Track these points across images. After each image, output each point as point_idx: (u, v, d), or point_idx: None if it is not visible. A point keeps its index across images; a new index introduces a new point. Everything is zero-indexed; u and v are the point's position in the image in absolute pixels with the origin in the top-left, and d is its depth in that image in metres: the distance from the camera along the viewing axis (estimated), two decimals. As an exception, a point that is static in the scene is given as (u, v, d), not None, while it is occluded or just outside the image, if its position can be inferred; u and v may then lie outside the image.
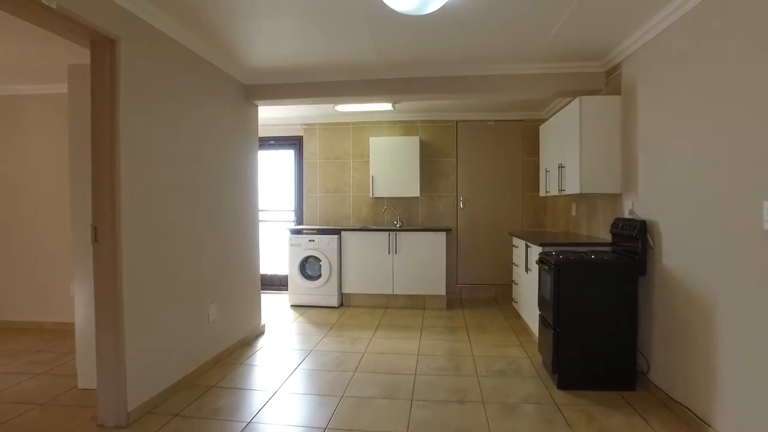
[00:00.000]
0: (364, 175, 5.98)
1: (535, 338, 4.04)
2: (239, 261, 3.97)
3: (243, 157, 4.07)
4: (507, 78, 3.85)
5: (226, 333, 3.69)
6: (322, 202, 6.12)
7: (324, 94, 4.02)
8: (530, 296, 4.04)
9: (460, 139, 5.91)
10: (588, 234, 4.23)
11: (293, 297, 5.49)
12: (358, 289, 5.44)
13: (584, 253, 3.20)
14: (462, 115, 5.85)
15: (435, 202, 5.93)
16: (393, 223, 5.91)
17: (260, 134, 6.19)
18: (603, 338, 2.96)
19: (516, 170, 5.85)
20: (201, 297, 3.32)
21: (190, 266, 3.18)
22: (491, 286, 5.88)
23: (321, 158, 6.11)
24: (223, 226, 3.67)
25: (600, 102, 3.47)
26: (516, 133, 5.86)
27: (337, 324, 4.74)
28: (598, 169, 3.47)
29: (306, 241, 5.41)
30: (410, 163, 5.64)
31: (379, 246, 5.38)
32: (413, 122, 5.94)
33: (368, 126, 6.00)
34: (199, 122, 3.34)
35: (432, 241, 5.31)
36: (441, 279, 5.31)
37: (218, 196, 3.61)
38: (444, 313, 5.19)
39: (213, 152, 3.53)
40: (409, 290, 5.36)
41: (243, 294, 4.03)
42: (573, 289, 2.98)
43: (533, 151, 5.78)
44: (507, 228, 5.82)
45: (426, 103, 5.34)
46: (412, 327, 4.61)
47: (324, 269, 5.36)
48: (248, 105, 4.17)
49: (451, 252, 5.78)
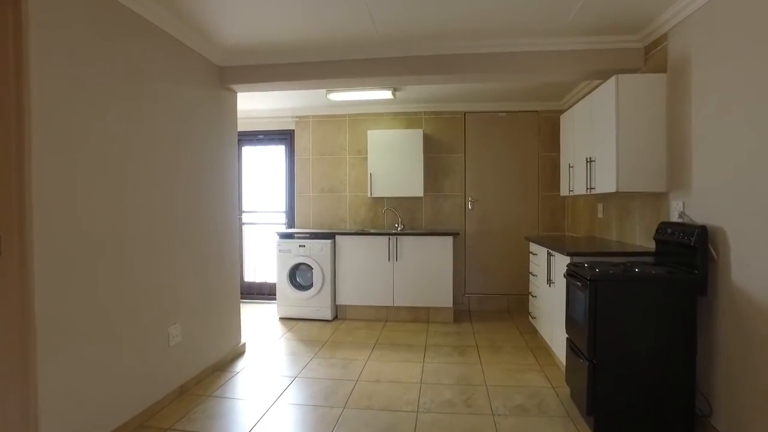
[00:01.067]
0: (362, 173, 5.40)
1: (558, 361, 3.45)
2: (213, 271, 3.40)
3: (218, 150, 3.50)
4: (526, 56, 3.26)
5: (194, 358, 3.12)
6: (316, 203, 5.54)
7: (312, 76, 3.45)
8: (553, 313, 3.44)
9: (468, 133, 5.32)
10: (619, 240, 3.63)
11: (282, 309, 4.92)
12: (354, 300, 4.86)
13: (625, 265, 2.61)
14: (471, 105, 5.25)
15: (440, 203, 5.34)
16: (394, 226, 5.32)
17: (248, 128, 5.63)
18: (652, 373, 2.36)
19: (531, 167, 5.25)
20: (158, 317, 2.75)
21: (142, 280, 2.61)
22: (503, 296, 5.28)
23: (314, 154, 5.54)
24: (192, 231, 3.10)
25: (641, 81, 2.87)
26: (531, 125, 5.26)
27: (330, 341, 4.16)
28: (639, 164, 2.87)
29: (296, 247, 4.84)
30: (413, 159, 5.05)
31: (378, 252, 4.80)
32: (416, 114, 5.36)
33: (366, 118, 5.42)
34: (159, 108, 2.77)
35: (437, 246, 4.72)
36: (447, 289, 4.73)
37: (185, 194, 3.04)
38: (451, 327, 4.60)
39: (178, 144, 2.97)
40: (411, 302, 4.78)
41: (218, 309, 3.46)
42: (614, 312, 2.39)
43: (551, 146, 5.18)
44: (520, 231, 5.23)
45: (430, 92, 4.75)
46: (414, 346, 4.02)
47: (316, 278, 4.78)
48: (224, 90, 3.60)
49: (458, 258, 5.19)
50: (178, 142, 2.97)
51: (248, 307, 5.44)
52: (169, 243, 2.86)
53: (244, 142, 5.76)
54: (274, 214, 5.77)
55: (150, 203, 2.68)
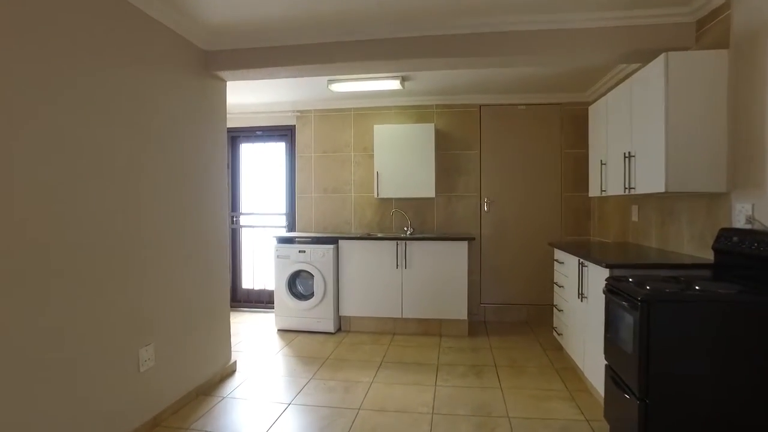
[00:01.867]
0: (368, 172, 4.97)
1: (590, 386, 2.99)
2: (198, 281, 3.00)
3: (204, 145, 3.10)
4: (553, 35, 2.81)
5: (172, 383, 2.72)
6: (318, 205, 5.13)
7: (310, 60, 3.03)
8: (586, 333, 2.98)
9: (484, 128, 4.87)
10: (660, 248, 3.16)
11: (280, 320, 4.51)
12: (358, 312, 4.44)
13: (678, 280, 2.15)
14: (486, 97, 4.80)
15: (454, 205, 4.90)
16: (402, 229, 4.89)
17: (246, 123, 5.24)
18: (721, 418, 1.90)
19: (553, 164, 4.78)
20: (126, 338, 2.35)
21: (106, 295, 2.21)
22: (522, 306, 4.82)
23: (316, 152, 5.12)
24: (171, 236, 2.71)
25: (698, 60, 2.41)
26: (553, 119, 4.79)
27: (331, 359, 3.74)
28: (693, 158, 2.41)
29: (295, 252, 4.43)
30: (423, 156, 4.62)
31: (385, 258, 4.37)
32: (427, 107, 4.92)
33: (373, 112, 5.00)
34: (126, 96, 2.37)
35: (450, 252, 4.28)
36: (461, 300, 4.28)
37: (162, 195, 2.65)
38: (465, 342, 4.15)
39: (149, 137, 2.57)
40: (421, 313, 4.34)
41: (203, 325, 3.06)
42: (673, 340, 1.93)
43: (574, 141, 4.71)
44: (541, 235, 4.76)
45: (442, 82, 4.31)
46: (425, 364, 3.59)
47: (317, 287, 4.37)
48: (211, 78, 3.20)
49: (473, 265, 4.74)
50: (151, 136, 2.57)
51: (245, 317, 5.05)
52: (141, 250, 2.46)
53: (242, 139, 5.38)
54: (274, 217, 5.37)
55: (116, 204, 2.29)
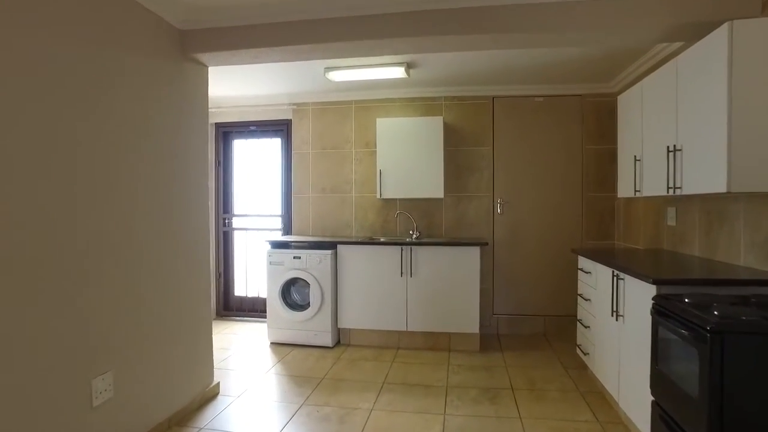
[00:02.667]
0: (370, 170, 4.56)
1: (624, 417, 2.56)
2: (173, 291, 2.61)
3: (180, 139, 2.71)
4: (585, 7, 2.39)
5: (137, 415, 2.32)
6: (316, 206, 4.72)
7: (302, 39, 2.62)
8: (620, 356, 2.55)
9: (497, 121, 4.44)
10: (707, 257, 2.72)
11: (273, 332, 4.11)
12: (359, 324, 4.03)
13: (753, 302, 1.72)
14: (500, 88, 4.37)
15: (464, 206, 4.47)
16: (408, 233, 4.47)
17: (238, 118, 4.86)
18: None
19: (573, 162, 4.35)
20: (73, 367, 1.95)
21: (47, 315, 1.82)
22: (539, 317, 4.39)
23: (314, 148, 4.72)
24: (137, 239, 2.31)
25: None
26: (573, 112, 4.35)
27: (327, 378, 3.33)
28: (764, 152, 1.98)
29: (290, 259, 4.02)
30: (431, 152, 4.19)
31: (389, 265, 3.96)
32: (435, 99, 4.50)
33: (376, 105, 4.58)
34: (80, 80, 1.98)
35: (461, 258, 3.86)
36: (473, 311, 3.86)
37: (125, 196, 2.25)
38: (477, 359, 3.73)
39: (117, 127, 2.18)
40: (428, 326, 3.92)
41: (178, 343, 2.67)
42: (755, 382, 1.51)
43: (597, 136, 4.27)
44: (560, 240, 4.33)
45: (452, 71, 3.89)
46: (432, 386, 3.17)
47: (314, 296, 3.96)
48: (189, 62, 2.80)
49: (485, 272, 4.32)
50: (113, 126, 2.18)
51: (238, 327, 4.66)
52: (96, 260, 2.07)
53: (235, 135, 4.99)
54: (269, 219, 4.97)
55: (62, 202, 1.89)
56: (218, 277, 4.96)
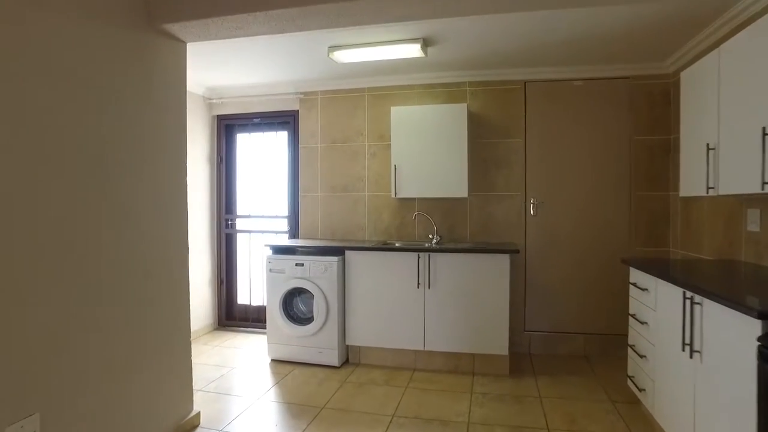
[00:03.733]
0: (385, 166, 4.06)
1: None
2: (134, 309, 2.17)
3: (147, 130, 2.27)
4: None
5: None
6: (325, 206, 4.25)
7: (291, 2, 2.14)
8: (698, 402, 1.95)
9: (530, 109, 3.87)
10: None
11: (274, 348, 3.65)
12: (370, 341, 3.53)
13: None
14: (533, 71, 3.80)
15: (492, 207, 3.91)
16: (427, 237, 3.94)
17: (241, 110, 4.44)
18: None
19: (620, 156, 3.73)
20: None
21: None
22: (578, 335, 3.79)
23: (323, 141, 4.24)
24: (89, 241, 1.88)
25: None
26: (619, 97, 3.74)
27: (329, 407, 2.85)
28: None
29: (291, 266, 3.56)
30: (453, 145, 3.66)
31: (404, 274, 3.44)
32: (458, 85, 3.95)
33: (391, 92, 4.07)
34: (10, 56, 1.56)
35: (488, 267, 3.31)
36: (501, 329, 3.31)
37: (72, 195, 1.82)
38: (506, 386, 3.17)
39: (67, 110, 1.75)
40: (449, 345, 3.39)
41: (144, 370, 2.23)
42: None
43: (649, 125, 3.65)
44: (603, 246, 3.72)
45: (477, 50, 3.35)
46: (451, 423, 2.64)
47: (318, 309, 3.49)
48: (159, 36, 2.36)
49: (516, 283, 3.75)
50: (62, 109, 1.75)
51: (239, 340, 4.23)
52: (28, 272, 1.64)
53: (238, 129, 4.57)
54: (275, 221, 4.53)
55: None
56: (220, 284, 4.55)
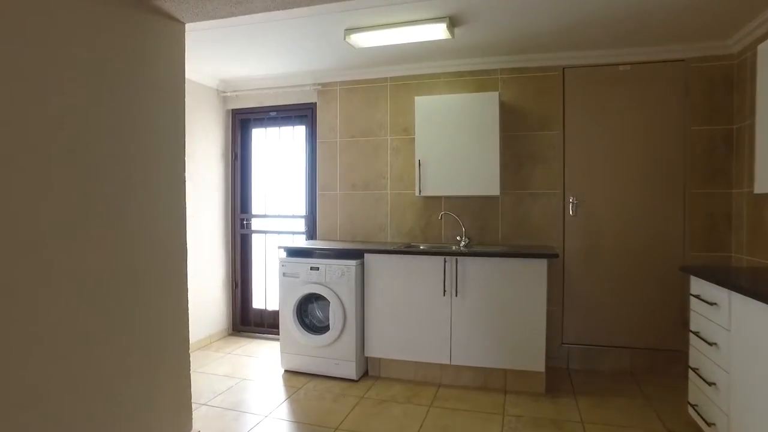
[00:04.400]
0: (409, 161, 3.75)
1: None
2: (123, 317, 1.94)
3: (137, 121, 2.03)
4: None
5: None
6: (345, 205, 3.97)
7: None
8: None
9: (569, 99, 3.49)
10: None
11: (287, 358, 3.40)
12: (390, 353, 3.24)
13: None
14: (572, 55, 3.42)
15: (526, 206, 3.56)
16: (455, 239, 3.61)
17: (257, 102, 4.21)
18: None
19: (672, 149, 3.32)
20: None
21: None
22: (623, 350, 3.40)
23: (343, 136, 3.97)
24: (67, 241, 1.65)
25: None
26: (674, 83, 3.32)
27: (343, 427, 2.57)
28: None
29: (306, 270, 3.29)
30: (484, 138, 3.32)
31: (429, 280, 3.13)
32: (489, 72, 3.61)
33: (415, 82, 3.76)
34: None
35: (522, 273, 2.97)
36: (537, 342, 2.96)
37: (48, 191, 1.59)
38: (542, 406, 2.82)
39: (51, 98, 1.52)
40: (478, 360, 3.06)
41: (133, 384, 1.99)
42: None
43: (709, 115, 3.23)
44: (652, 249, 3.31)
45: (510, 31, 3.01)
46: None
47: (334, 317, 3.22)
48: (152, 15, 2.11)
49: (553, 291, 3.39)
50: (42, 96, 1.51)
51: (254, 347, 4.00)
52: None
53: (254, 123, 4.35)
54: (292, 221, 4.29)
55: None
56: (234, 287, 4.33)
